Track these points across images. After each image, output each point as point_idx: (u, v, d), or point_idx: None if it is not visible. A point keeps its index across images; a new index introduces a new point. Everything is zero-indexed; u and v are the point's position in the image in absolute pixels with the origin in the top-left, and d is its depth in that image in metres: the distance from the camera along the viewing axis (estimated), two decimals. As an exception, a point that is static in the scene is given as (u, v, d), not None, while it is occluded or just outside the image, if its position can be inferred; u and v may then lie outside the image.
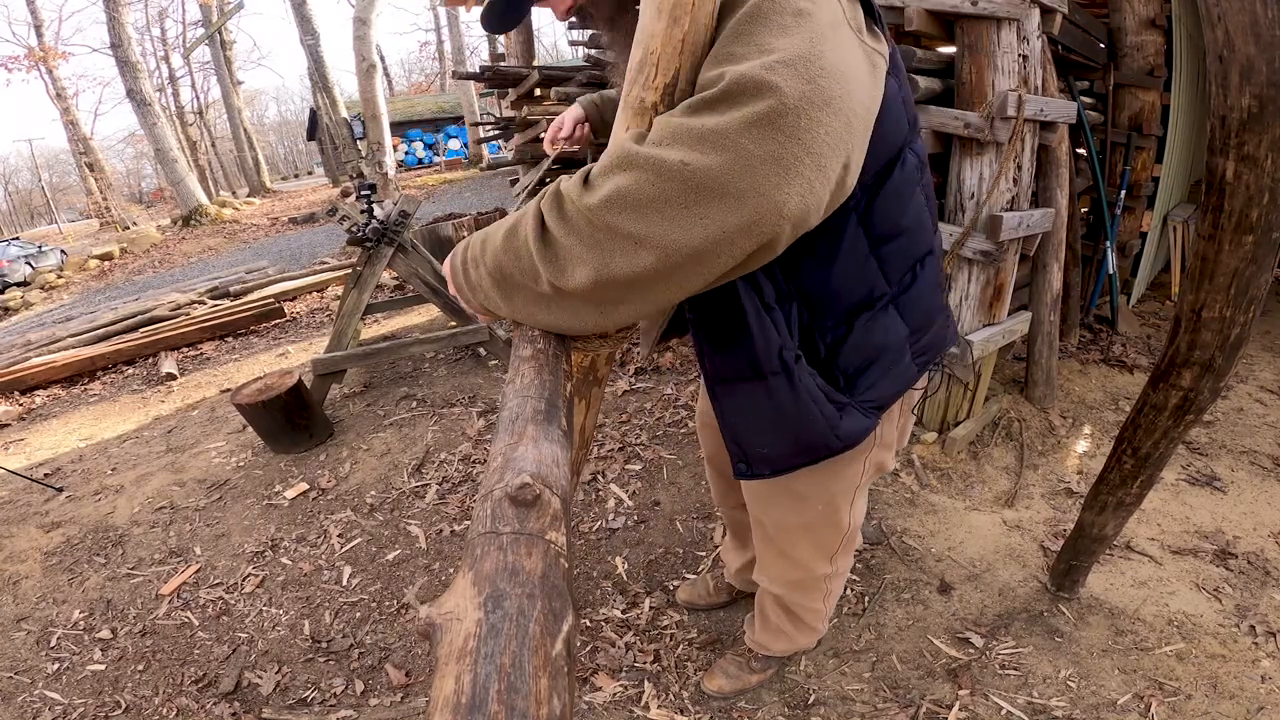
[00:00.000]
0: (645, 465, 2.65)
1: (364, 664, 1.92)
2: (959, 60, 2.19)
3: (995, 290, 2.39)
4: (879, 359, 0.92)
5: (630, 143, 0.61)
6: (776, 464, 0.99)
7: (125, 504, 2.85)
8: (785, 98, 0.55)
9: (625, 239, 0.59)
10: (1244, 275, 1.23)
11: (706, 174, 0.55)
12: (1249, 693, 1.57)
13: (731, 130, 0.55)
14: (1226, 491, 2.35)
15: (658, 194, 0.56)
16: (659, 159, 0.57)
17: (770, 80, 0.55)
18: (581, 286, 0.63)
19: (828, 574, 1.34)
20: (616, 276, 0.61)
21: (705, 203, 0.56)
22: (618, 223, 0.58)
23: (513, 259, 0.69)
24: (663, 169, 0.56)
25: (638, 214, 0.57)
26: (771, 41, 0.59)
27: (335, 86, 11.37)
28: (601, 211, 0.59)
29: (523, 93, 4.98)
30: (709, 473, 1.66)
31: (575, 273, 0.63)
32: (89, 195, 20.02)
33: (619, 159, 0.60)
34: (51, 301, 9.70)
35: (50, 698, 1.92)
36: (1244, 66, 1.11)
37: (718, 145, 0.55)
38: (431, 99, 24.34)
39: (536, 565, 0.42)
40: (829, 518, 1.18)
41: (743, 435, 0.98)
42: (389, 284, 5.89)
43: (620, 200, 0.58)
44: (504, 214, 6.68)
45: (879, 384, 0.93)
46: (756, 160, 0.54)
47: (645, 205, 0.57)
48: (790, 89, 0.55)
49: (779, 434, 0.94)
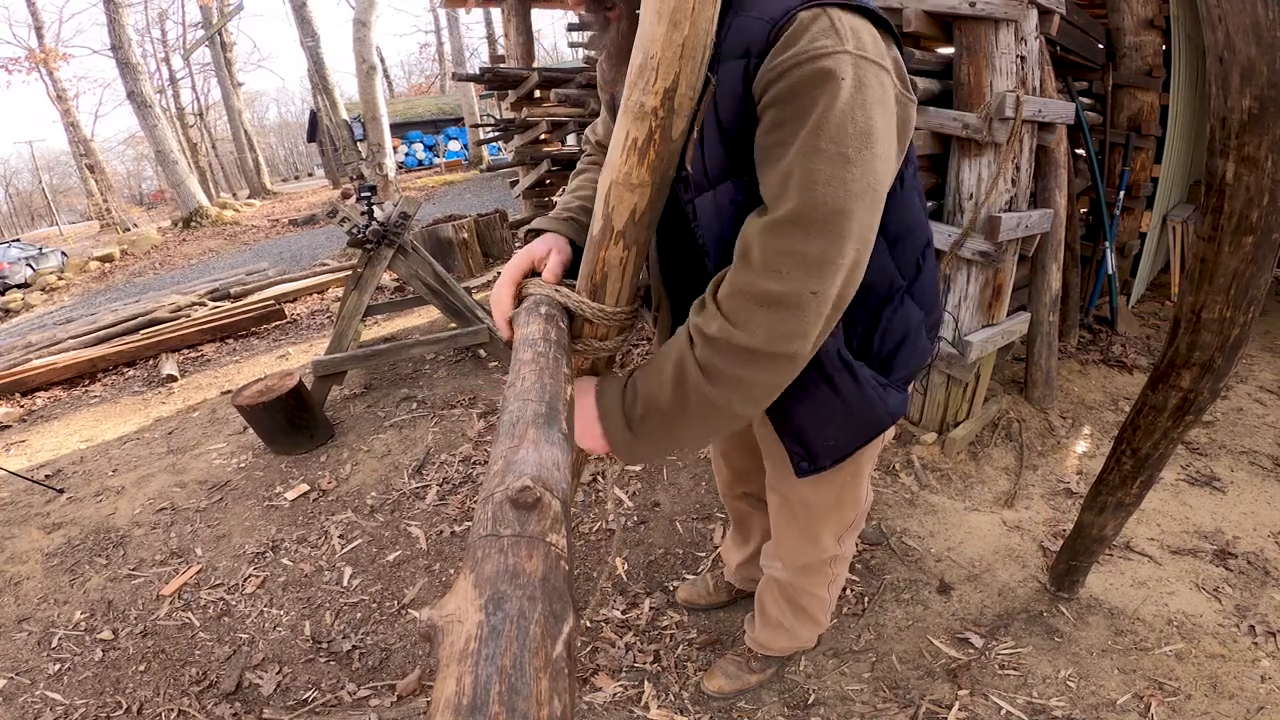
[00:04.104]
0: (645, 466, 2.66)
1: (365, 665, 1.92)
2: (957, 61, 2.19)
3: (994, 291, 2.39)
4: (905, 342, 1.01)
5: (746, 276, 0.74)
6: (841, 451, 1.06)
7: (126, 505, 2.86)
8: (851, 227, 0.71)
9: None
10: (1244, 276, 1.23)
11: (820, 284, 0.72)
12: (1249, 692, 1.57)
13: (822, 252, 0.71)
14: (1226, 492, 2.35)
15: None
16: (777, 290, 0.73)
17: (845, 215, 0.70)
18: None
19: (835, 555, 1.37)
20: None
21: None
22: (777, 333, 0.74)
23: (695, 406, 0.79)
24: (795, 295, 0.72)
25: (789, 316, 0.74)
26: (838, 173, 0.69)
27: (335, 88, 11.39)
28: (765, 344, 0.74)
29: (523, 94, 4.99)
30: (716, 463, 1.65)
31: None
32: (89, 197, 20.03)
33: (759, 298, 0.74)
34: (52, 303, 9.71)
35: (51, 698, 1.93)
36: (1244, 68, 1.11)
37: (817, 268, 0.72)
38: (431, 100, 24.36)
39: (537, 567, 0.42)
40: (854, 493, 1.25)
41: (810, 434, 1.03)
42: (389, 286, 5.89)
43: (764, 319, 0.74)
44: (504, 215, 6.68)
45: (909, 362, 1.03)
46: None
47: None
48: (857, 221, 0.71)
49: (847, 424, 1.01)
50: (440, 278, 3.66)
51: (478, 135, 15.61)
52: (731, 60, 0.74)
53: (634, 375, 0.85)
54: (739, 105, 0.75)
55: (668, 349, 0.81)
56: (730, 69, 0.74)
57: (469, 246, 6.13)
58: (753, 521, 1.69)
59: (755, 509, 1.64)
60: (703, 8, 0.66)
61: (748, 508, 1.66)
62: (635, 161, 0.75)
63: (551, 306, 0.85)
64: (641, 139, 0.73)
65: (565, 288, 0.88)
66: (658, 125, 0.72)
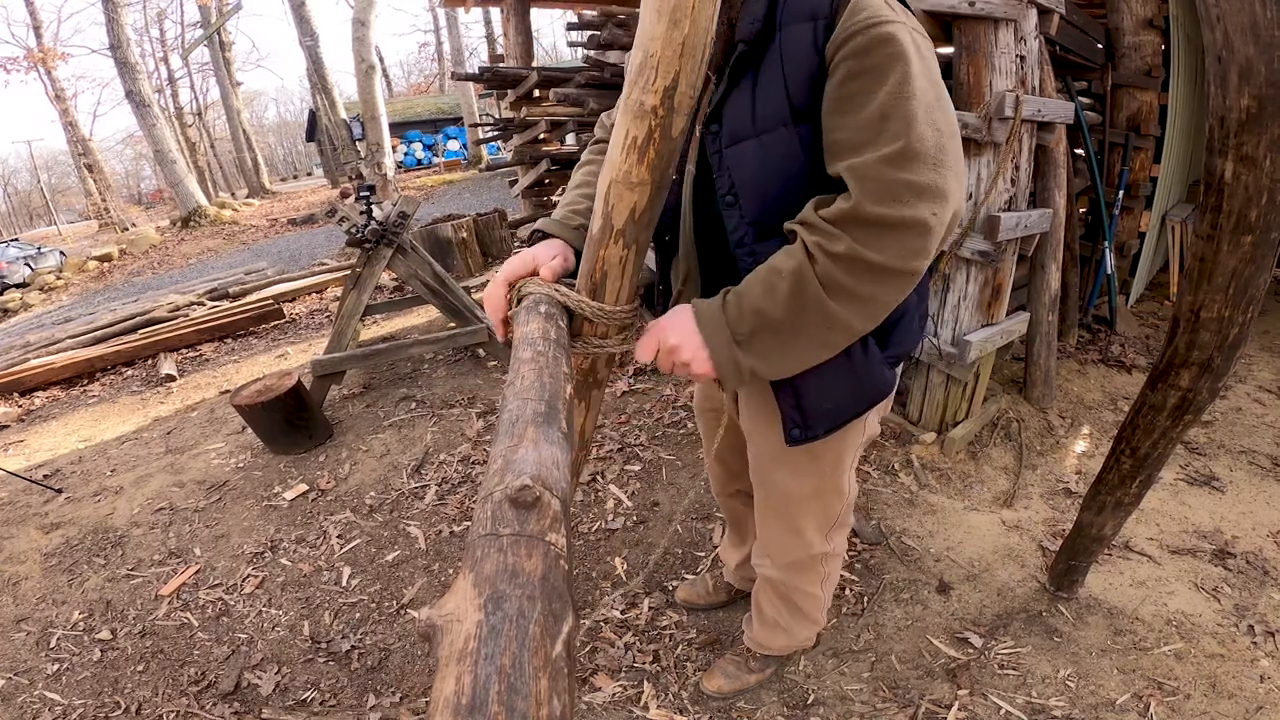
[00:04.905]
0: (644, 466, 2.66)
1: (364, 665, 1.92)
2: (957, 61, 2.19)
3: (993, 290, 2.39)
4: (900, 321, 1.04)
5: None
6: (836, 418, 1.06)
7: (125, 505, 2.85)
8: (950, 161, 0.79)
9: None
10: (1243, 275, 1.23)
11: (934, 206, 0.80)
12: (1248, 692, 1.57)
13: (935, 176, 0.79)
14: (1225, 491, 2.35)
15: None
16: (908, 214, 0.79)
17: (945, 151, 0.79)
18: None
19: (825, 553, 1.37)
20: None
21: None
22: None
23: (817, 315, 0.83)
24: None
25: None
26: (930, 116, 0.78)
27: (334, 88, 11.38)
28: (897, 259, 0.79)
29: (522, 94, 4.99)
30: (709, 462, 1.66)
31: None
32: (88, 196, 19.99)
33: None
34: (50, 303, 9.70)
35: (50, 698, 1.92)
36: (1243, 67, 1.11)
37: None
38: (430, 100, 24.35)
39: (536, 567, 0.42)
40: (835, 482, 1.26)
41: (809, 396, 1.03)
42: (388, 285, 5.89)
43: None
44: (503, 215, 6.68)
45: (901, 343, 1.06)
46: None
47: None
48: (952, 156, 0.80)
49: (849, 387, 1.03)
50: (439, 277, 3.66)
51: (477, 135, 15.60)
52: (798, 24, 0.85)
53: (733, 294, 0.87)
54: (811, 60, 0.84)
55: (775, 267, 0.83)
56: (799, 31, 0.85)
57: (468, 246, 6.13)
58: (748, 521, 1.69)
59: (749, 508, 1.64)
60: (702, 6, 0.65)
61: (742, 507, 1.67)
62: (635, 160, 0.75)
63: (551, 305, 0.85)
64: (641, 137, 0.73)
65: (564, 286, 0.88)
66: (657, 124, 0.72)
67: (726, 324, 0.86)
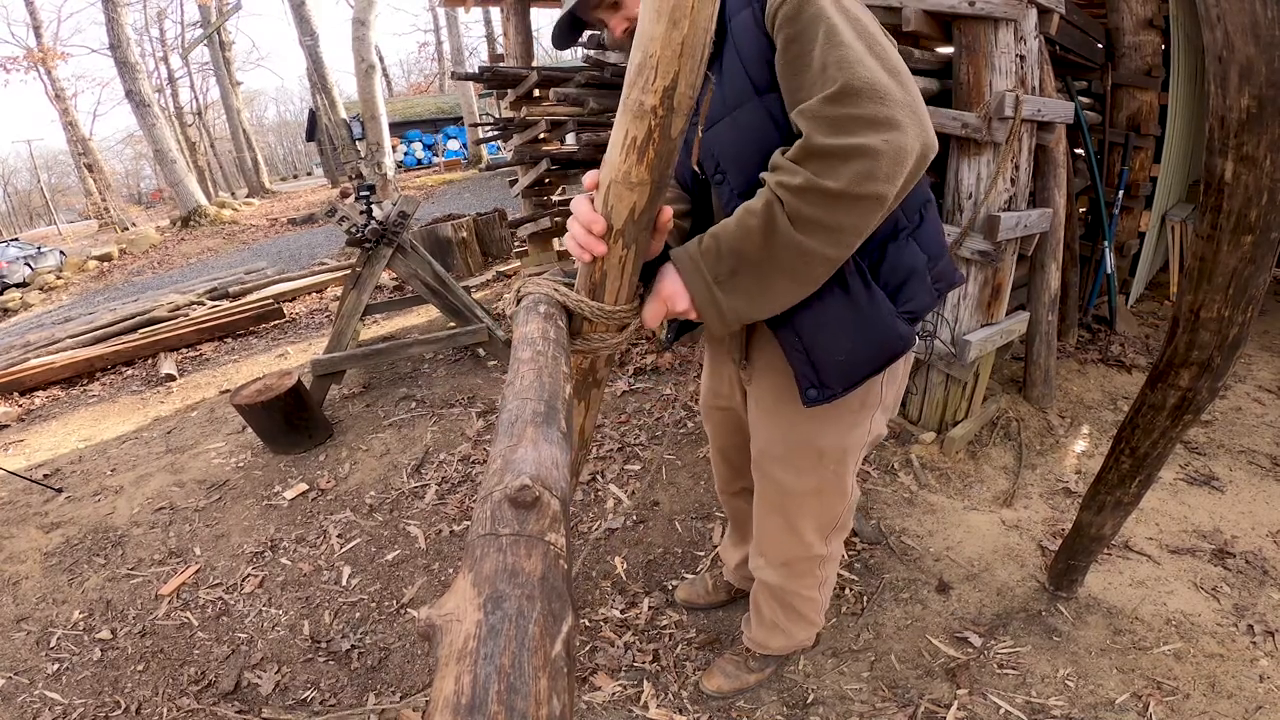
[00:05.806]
0: (644, 465, 2.66)
1: (364, 664, 1.92)
2: (957, 61, 2.19)
3: (993, 290, 2.39)
4: (910, 278, 1.05)
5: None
6: (853, 373, 1.05)
7: (125, 505, 2.86)
8: (893, 94, 0.81)
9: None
10: (1242, 275, 1.23)
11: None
12: (1247, 692, 1.57)
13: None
14: (1224, 491, 2.35)
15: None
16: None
17: (881, 87, 0.81)
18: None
19: (822, 556, 1.37)
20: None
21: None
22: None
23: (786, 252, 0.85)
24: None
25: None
26: (862, 58, 0.82)
27: (334, 87, 11.36)
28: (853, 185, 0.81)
29: (522, 93, 4.98)
30: (715, 460, 1.65)
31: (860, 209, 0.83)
32: (88, 196, 19.97)
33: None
34: (50, 303, 9.69)
35: (50, 698, 1.92)
36: (1243, 67, 1.11)
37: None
38: (430, 100, 24.33)
39: (536, 567, 0.42)
40: (837, 482, 1.25)
41: (821, 348, 1.03)
42: (388, 285, 5.89)
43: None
44: (503, 214, 6.68)
45: (915, 298, 1.06)
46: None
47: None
48: (896, 91, 0.82)
49: (860, 337, 1.02)
50: (439, 277, 3.66)
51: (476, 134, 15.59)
52: (740, 13, 0.94)
53: (708, 237, 0.89)
54: (759, 40, 0.91)
55: (747, 211, 0.86)
56: (742, 18, 0.93)
57: (468, 246, 6.13)
58: (750, 521, 1.69)
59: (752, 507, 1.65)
60: (702, 6, 0.65)
61: (745, 505, 1.66)
62: (634, 160, 0.75)
63: (550, 305, 0.85)
64: (641, 137, 0.73)
65: (564, 286, 0.88)
66: (657, 124, 0.72)
67: (705, 268, 0.89)
